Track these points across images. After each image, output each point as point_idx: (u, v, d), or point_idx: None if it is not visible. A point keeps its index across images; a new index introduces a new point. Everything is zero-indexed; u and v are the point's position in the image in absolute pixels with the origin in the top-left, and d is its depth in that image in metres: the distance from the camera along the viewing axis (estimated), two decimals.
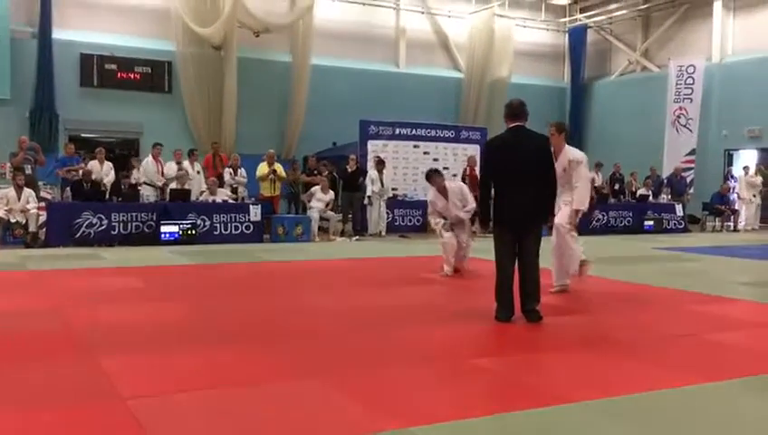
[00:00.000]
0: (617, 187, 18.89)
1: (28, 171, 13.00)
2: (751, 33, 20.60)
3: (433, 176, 9.03)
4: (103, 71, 17.99)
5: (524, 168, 5.74)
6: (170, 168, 14.13)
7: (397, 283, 8.41)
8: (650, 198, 18.31)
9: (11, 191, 12.39)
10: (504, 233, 5.84)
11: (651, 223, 17.30)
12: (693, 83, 20.94)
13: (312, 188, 14.84)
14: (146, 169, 14.08)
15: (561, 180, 7.15)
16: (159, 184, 13.86)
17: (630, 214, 17.44)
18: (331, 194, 14.89)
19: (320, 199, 14.55)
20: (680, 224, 17.90)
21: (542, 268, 6.08)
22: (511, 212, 5.75)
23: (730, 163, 21.14)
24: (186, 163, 14.41)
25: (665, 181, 19.26)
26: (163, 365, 4.52)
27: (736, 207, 18.89)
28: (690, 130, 20.99)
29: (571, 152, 7.50)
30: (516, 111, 5.94)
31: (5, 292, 7.34)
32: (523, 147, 5.84)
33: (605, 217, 17.02)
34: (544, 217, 5.99)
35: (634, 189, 18.88)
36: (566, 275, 7.46)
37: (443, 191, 8.99)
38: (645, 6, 22.91)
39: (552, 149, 7.27)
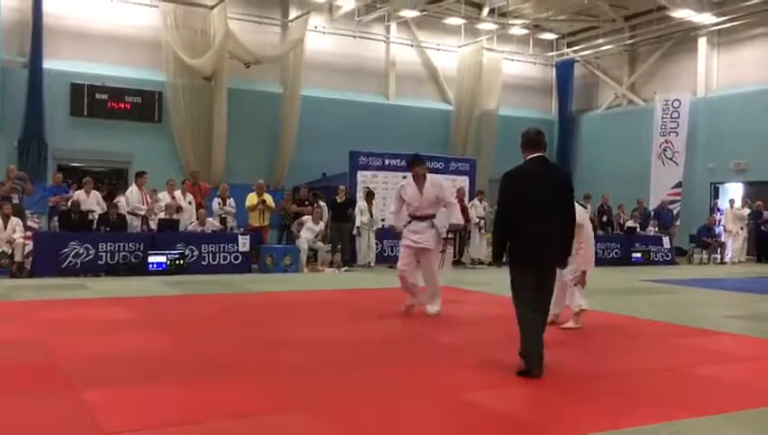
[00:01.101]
0: (605, 219, 19.00)
1: (15, 201, 12.93)
2: (735, 69, 20.94)
3: (414, 162, 8.23)
4: (94, 100, 18.04)
5: (547, 202, 5.26)
6: (163, 197, 14.13)
7: (386, 315, 8.37)
8: (638, 230, 18.42)
9: None
10: (524, 273, 5.26)
11: (639, 255, 17.39)
12: (678, 117, 21.22)
13: (303, 218, 14.84)
14: (129, 199, 14.05)
15: None
16: (141, 213, 13.80)
17: (618, 246, 17.53)
18: (322, 225, 14.90)
19: (310, 229, 14.54)
20: (668, 256, 17.99)
21: None
22: (532, 248, 5.24)
23: (716, 196, 21.34)
24: (178, 194, 14.41)
25: (652, 214, 19.40)
26: (148, 398, 4.47)
27: (723, 240, 19.03)
28: (676, 163, 21.22)
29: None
30: (535, 140, 5.47)
31: None
32: (545, 180, 5.36)
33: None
34: (565, 257, 5.48)
35: (622, 221, 19.00)
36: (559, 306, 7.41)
37: (420, 179, 8.13)
38: (631, 42, 23.28)
39: None
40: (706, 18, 20.48)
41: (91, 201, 13.68)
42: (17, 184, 13.20)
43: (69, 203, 13.18)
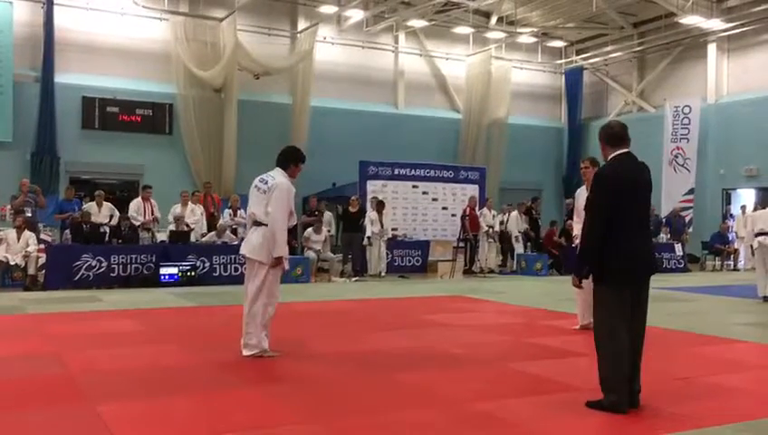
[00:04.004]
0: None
1: (29, 214, 13.03)
2: (745, 74, 20.88)
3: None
4: (105, 113, 18.18)
5: (641, 203, 4.71)
6: (174, 210, 14.19)
7: (397, 325, 8.37)
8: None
9: (11, 233, 12.41)
10: (620, 290, 4.51)
11: None
12: (689, 123, 21.14)
13: (306, 232, 14.91)
14: (130, 207, 14.12)
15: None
16: (136, 223, 13.81)
17: None
18: (325, 232, 14.92)
19: (316, 242, 14.66)
20: (680, 263, 17.89)
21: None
22: (634, 261, 4.55)
23: (728, 202, 21.22)
24: (191, 206, 14.46)
25: (663, 221, 19.30)
26: (163, 411, 4.49)
27: (736, 247, 18.90)
28: (688, 170, 21.13)
29: None
30: (620, 134, 4.76)
31: (4, 336, 7.30)
32: (641, 179, 4.73)
33: None
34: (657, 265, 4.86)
35: None
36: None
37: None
38: (640, 48, 23.25)
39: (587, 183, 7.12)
40: (716, 24, 20.44)
41: (102, 214, 13.78)
42: (30, 197, 13.31)
43: (80, 215, 13.28)
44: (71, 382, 5.26)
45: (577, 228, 8.09)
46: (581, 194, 7.70)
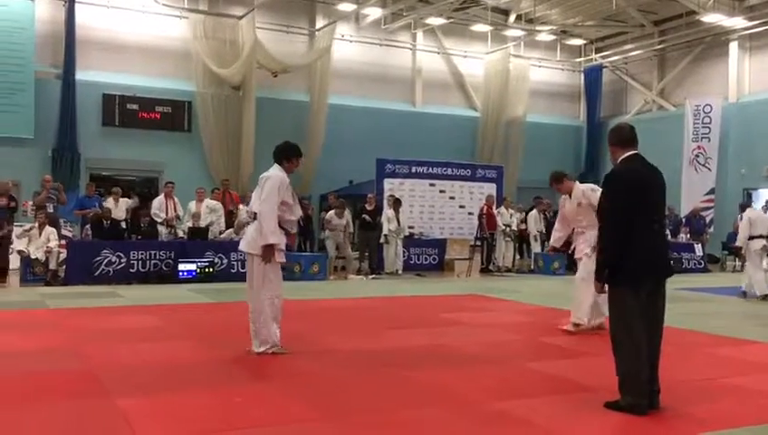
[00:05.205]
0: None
1: (50, 210, 13.19)
2: (767, 73, 20.62)
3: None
4: (125, 110, 18.33)
5: (654, 205, 4.68)
6: (191, 206, 14.28)
7: (413, 323, 8.38)
8: (669, 237, 18.17)
9: (34, 228, 12.57)
10: (635, 290, 4.50)
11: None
12: (710, 123, 20.93)
13: (327, 215, 14.93)
14: (153, 205, 14.25)
15: (577, 216, 7.28)
16: (158, 220, 13.93)
17: None
18: (347, 217, 14.90)
19: (337, 225, 14.55)
20: (700, 264, 17.72)
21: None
22: (648, 261, 4.54)
23: (749, 202, 20.96)
24: (209, 201, 14.53)
25: (683, 221, 19.14)
26: (181, 406, 4.53)
27: None
28: (709, 169, 20.92)
29: (584, 188, 7.74)
30: (630, 136, 4.74)
31: (25, 330, 7.40)
32: (653, 180, 4.71)
33: None
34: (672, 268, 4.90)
35: None
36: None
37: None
38: (660, 46, 23.05)
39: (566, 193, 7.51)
40: (738, 22, 20.21)
41: (119, 210, 13.92)
42: (53, 193, 13.48)
43: (101, 210, 13.44)
44: (90, 377, 5.32)
45: (555, 236, 8.13)
46: (566, 201, 7.90)
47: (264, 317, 6.07)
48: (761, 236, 11.54)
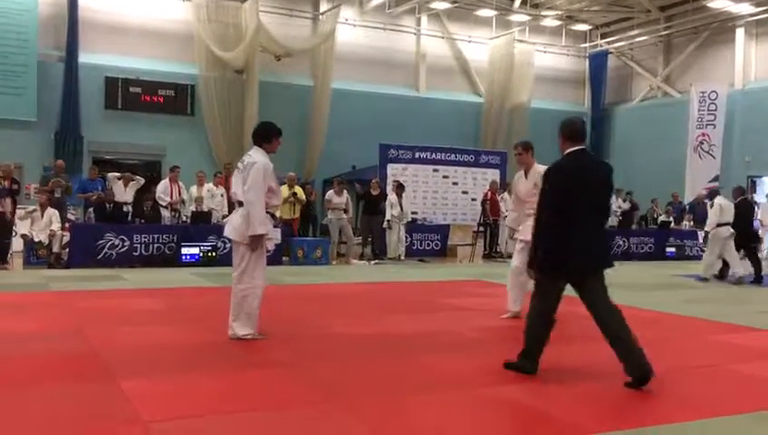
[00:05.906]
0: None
1: (58, 194, 13.22)
2: None
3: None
4: (128, 94, 18.30)
5: (594, 200, 4.80)
6: (193, 190, 14.28)
7: (415, 308, 8.39)
8: (672, 224, 18.14)
9: (36, 211, 12.59)
10: (553, 282, 4.82)
11: (673, 250, 17.15)
12: (715, 109, 20.82)
13: (327, 195, 14.92)
14: (158, 189, 14.25)
15: (529, 198, 7.01)
16: (163, 203, 13.94)
17: (652, 240, 17.31)
18: (345, 195, 14.84)
19: (338, 204, 14.53)
20: (703, 251, 17.67)
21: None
22: (572, 254, 4.69)
23: (753, 190, 20.92)
24: (211, 186, 14.54)
25: (687, 208, 19.09)
26: (184, 388, 4.54)
27: (760, 234, 18.63)
28: (713, 157, 20.84)
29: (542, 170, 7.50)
30: (581, 131, 4.99)
31: (29, 312, 7.42)
32: (594, 176, 4.87)
33: (626, 244, 16.91)
34: (610, 260, 4.99)
35: (655, 216, 18.73)
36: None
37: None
38: (666, 33, 22.91)
39: (524, 168, 7.34)
40: (744, 8, 20.07)
41: (127, 194, 13.92)
42: (63, 177, 13.54)
43: (105, 193, 13.45)
44: (94, 359, 5.34)
45: (511, 216, 7.95)
46: (520, 180, 7.52)
47: (248, 303, 6.08)
48: (727, 224, 11.86)
